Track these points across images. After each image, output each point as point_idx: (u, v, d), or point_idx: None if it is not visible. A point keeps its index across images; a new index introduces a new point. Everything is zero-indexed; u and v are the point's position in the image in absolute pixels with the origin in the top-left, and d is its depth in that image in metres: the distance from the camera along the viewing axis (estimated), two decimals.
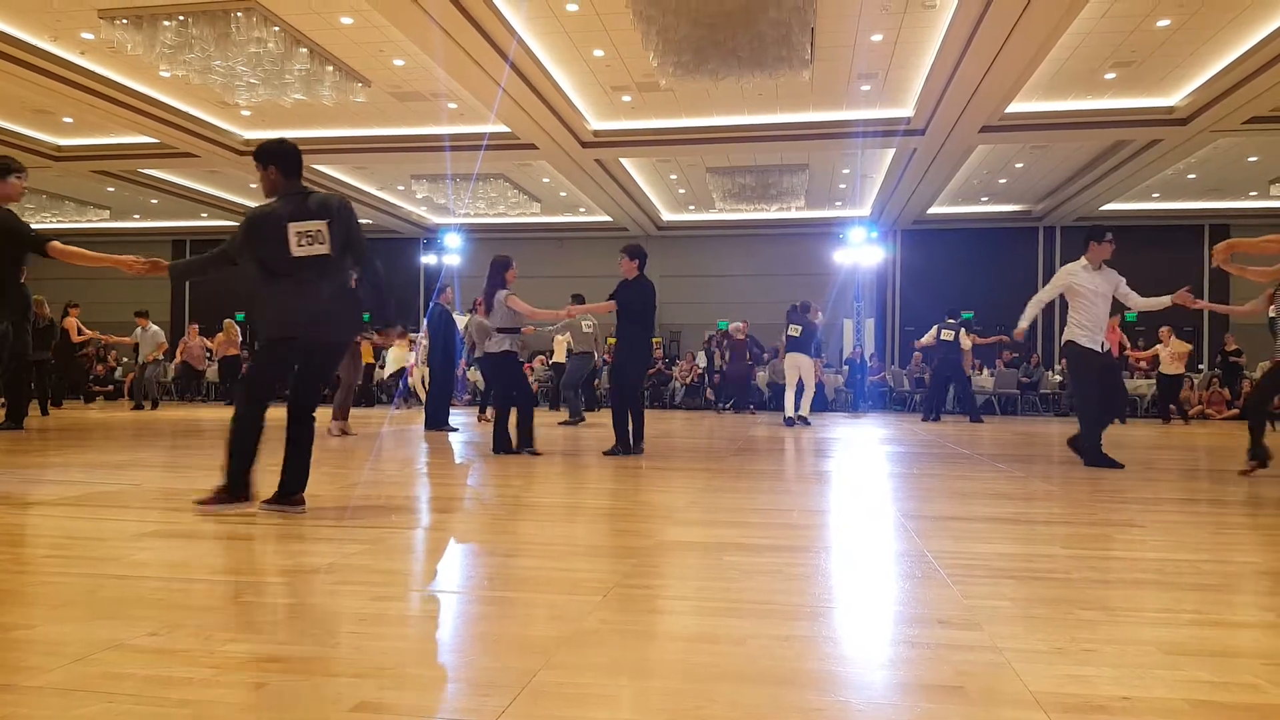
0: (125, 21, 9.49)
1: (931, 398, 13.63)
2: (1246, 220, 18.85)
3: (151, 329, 14.13)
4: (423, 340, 11.35)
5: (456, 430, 9.55)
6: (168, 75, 11.25)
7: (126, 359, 18.87)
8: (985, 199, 18.55)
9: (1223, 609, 2.44)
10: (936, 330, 13.36)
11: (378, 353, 15.08)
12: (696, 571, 2.87)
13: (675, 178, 17.01)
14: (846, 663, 1.95)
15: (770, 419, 13.24)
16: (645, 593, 2.56)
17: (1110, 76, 11.38)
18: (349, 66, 11.12)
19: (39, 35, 10.52)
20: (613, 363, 7.11)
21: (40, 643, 2.01)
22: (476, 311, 10.70)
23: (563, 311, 7.31)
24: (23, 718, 1.58)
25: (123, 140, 14.55)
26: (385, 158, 15.03)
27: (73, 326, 12.90)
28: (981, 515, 4.06)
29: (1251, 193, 17.49)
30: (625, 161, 15.49)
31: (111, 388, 18.41)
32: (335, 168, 16.42)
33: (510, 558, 3.07)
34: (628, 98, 12.40)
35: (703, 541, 3.37)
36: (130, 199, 18.88)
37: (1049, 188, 17.46)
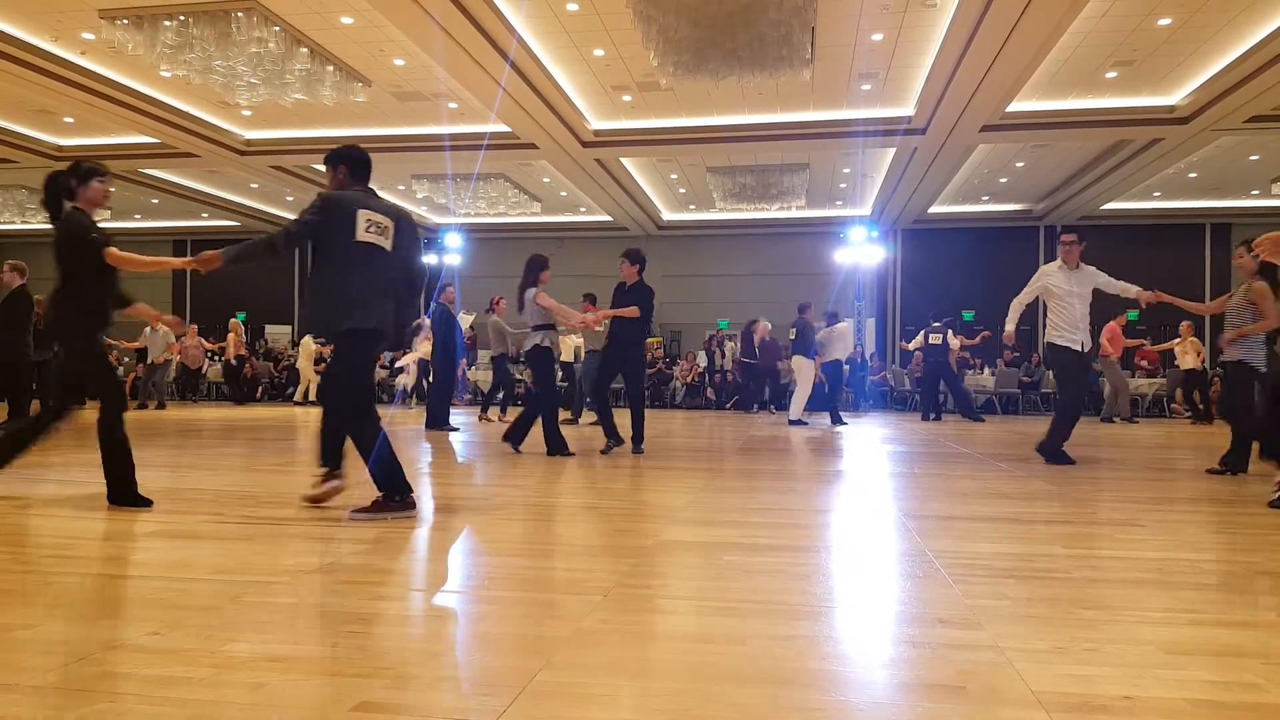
0: (126, 21, 9.49)
1: (927, 398, 13.72)
2: (1247, 219, 18.83)
3: (161, 330, 14.31)
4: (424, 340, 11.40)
5: (457, 430, 9.55)
6: (168, 75, 11.25)
7: (128, 359, 18.87)
8: (986, 198, 18.54)
9: (1224, 608, 2.44)
10: (924, 335, 13.40)
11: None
12: (697, 571, 2.87)
13: (676, 177, 17.00)
14: (847, 662, 1.94)
15: (779, 418, 13.25)
16: (646, 593, 2.56)
17: (1111, 75, 11.37)
18: (349, 66, 11.12)
19: (40, 35, 10.52)
20: (609, 362, 7.19)
21: (41, 642, 2.01)
22: (495, 311, 10.79)
23: (590, 318, 7.26)
24: (24, 717, 1.58)
25: (123, 140, 14.54)
26: (386, 157, 15.01)
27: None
28: (983, 515, 4.06)
29: (1253, 191, 17.48)
30: (626, 161, 15.48)
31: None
32: None
33: (511, 558, 3.07)
34: (628, 97, 12.39)
35: (703, 541, 3.37)
36: (131, 199, 18.87)
37: (1050, 187, 17.44)
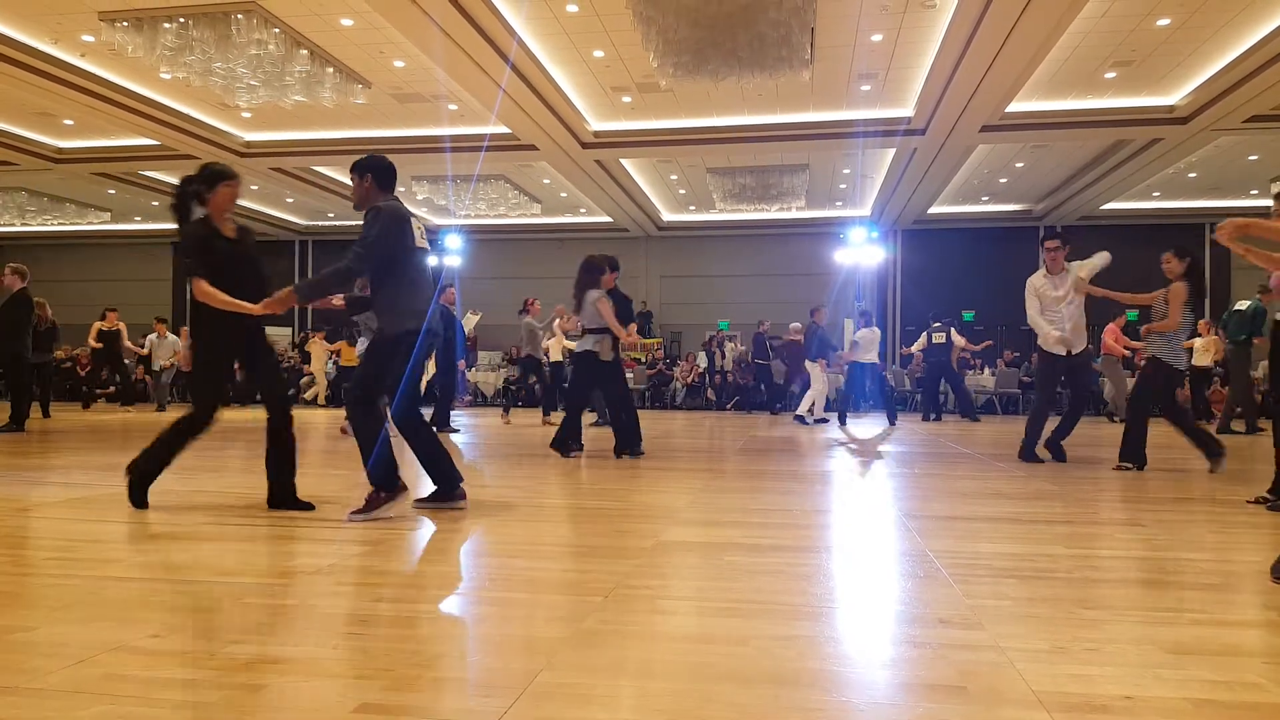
0: (126, 24, 9.50)
1: (927, 398, 13.71)
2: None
3: (170, 337, 14.53)
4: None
5: (458, 431, 9.56)
6: (168, 77, 11.26)
7: (128, 362, 18.85)
8: (986, 198, 18.54)
9: (1225, 608, 2.44)
10: (926, 335, 13.37)
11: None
12: (698, 572, 2.87)
13: (675, 178, 17.01)
14: (848, 662, 1.94)
15: (787, 419, 13.25)
16: (646, 593, 2.56)
17: (1110, 76, 11.37)
18: (349, 68, 11.12)
19: (40, 38, 10.53)
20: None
21: (42, 645, 2.01)
22: (529, 312, 10.90)
23: (633, 339, 7.31)
24: None
25: (123, 142, 14.56)
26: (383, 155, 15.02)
27: (121, 327, 13.67)
28: (983, 515, 4.06)
29: (1252, 191, 17.47)
30: (625, 162, 15.49)
31: (114, 389, 18.39)
32: (336, 169, 16.42)
33: (511, 558, 3.07)
34: (628, 98, 12.40)
35: (704, 542, 3.37)
36: (131, 201, 18.88)
37: (1049, 187, 17.45)
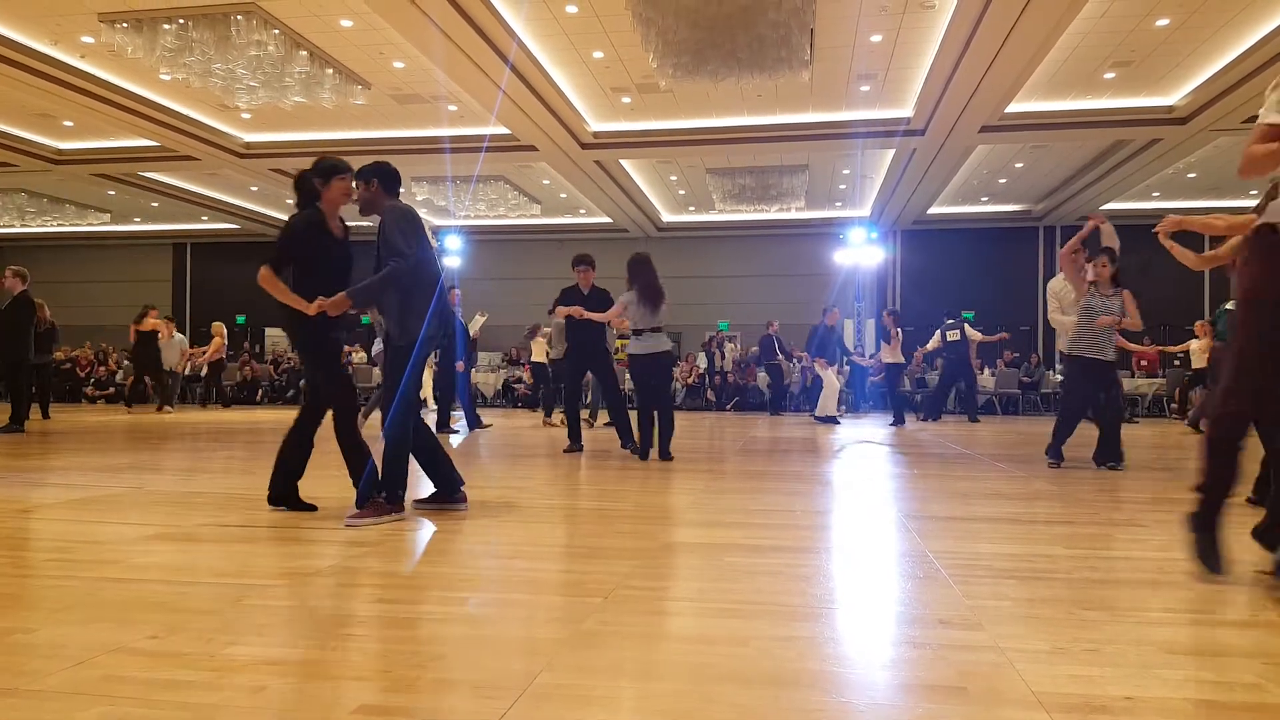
0: (125, 25, 9.50)
1: (937, 398, 13.55)
2: None
3: (177, 337, 14.54)
4: None
5: (457, 433, 9.56)
6: (168, 78, 11.26)
7: (128, 363, 18.86)
8: (985, 199, 18.54)
9: (1225, 609, 2.44)
10: (940, 334, 13.26)
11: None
12: (698, 572, 2.87)
13: (675, 179, 17.01)
14: (848, 663, 1.94)
15: (797, 420, 13.24)
16: (647, 594, 2.56)
17: (1110, 76, 11.37)
18: (349, 69, 11.12)
19: (40, 39, 10.53)
20: (578, 368, 7.50)
21: (41, 646, 2.01)
22: (558, 313, 10.90)
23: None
24: None
25: (123, 144, 14.56)
26: (385, 159, 15.02)
27: (161, 329, 13.71)
28: (983, 515, 4.06)
29: (1252, 191, 17.46)
30: (625, 163, 15.49)
31: (112, 390, 18.41)
32: None
33: (511, 559, 3.06)
34: (627, 99, 12.40)
35: (704, 542, 3.36)
36: (131, 202, 18.88)
37: (1049, 187, 17.45)
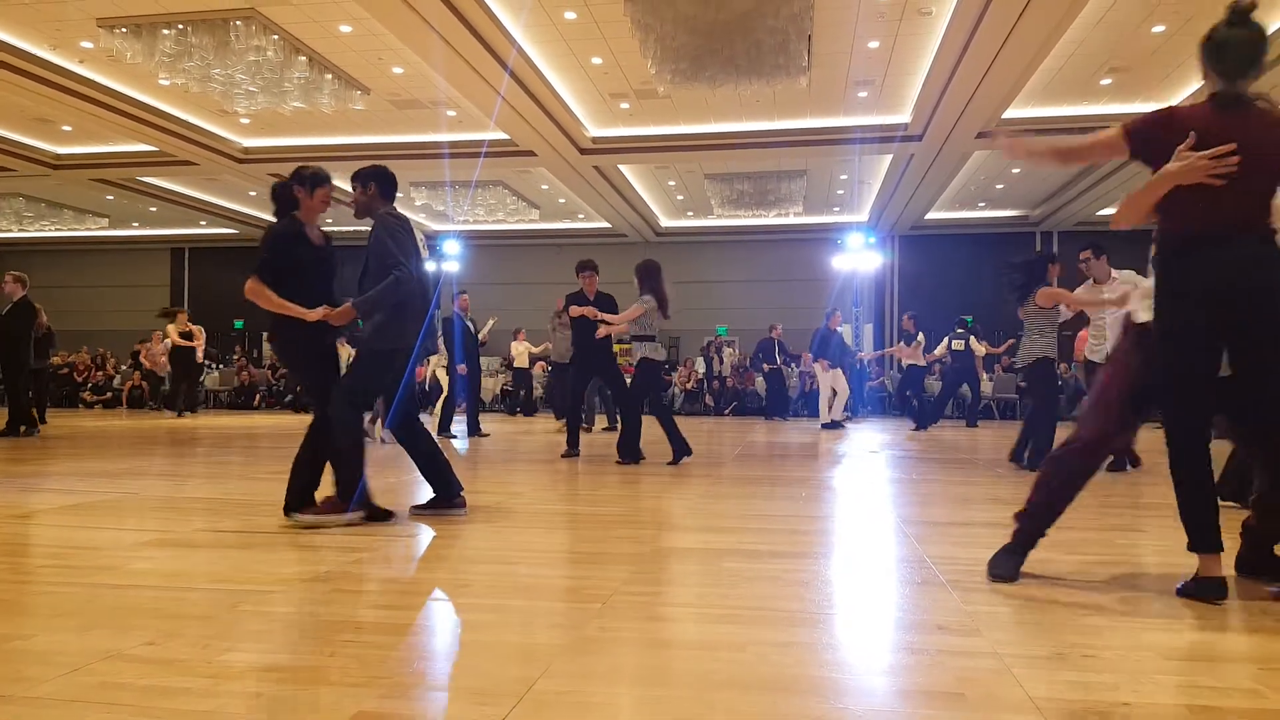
0: (124, 30, 9.51)
1: (936, 406, 13.42)
2: None
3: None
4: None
5: (456, 437, 9.57)
6: (167, 83, 11.26)
7: (125, 367, 18.84)
8: (982, 204, 18.58)
9: (1222, 614, 2.43)
10: (948, 341, 13.16)
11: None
12: (696, 578, 2.87)
13: (673, 184, 17.02)
14: (847, 669, 1.94)
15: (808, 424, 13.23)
16: (645, 600, 2.55)
17: (1106, 82, 11.40)
18: (348, 74, 11.14)
19: (38, 44, 10.53)
20: (585, 372, 7.47)
21: (37, 653, 2.00)
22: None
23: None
24: None
25: (122, 148, 14.56)
26: (384, 164, 15.02)
27: (196, 333, 13.73)
28: (981, 520, 4.05)
29: None
30: (624, 168, 15.50)
31: (109, 395, 18.39)
32: (334, 175, 16.38)
33: (509, 565, 3.06)
34: (626, 105, 12.42)
35: (702, 548, 3.36)
36: (129, 207, 18.87)
37: (1046, 193, 17.49)
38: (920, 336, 12.79)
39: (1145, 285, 6.29)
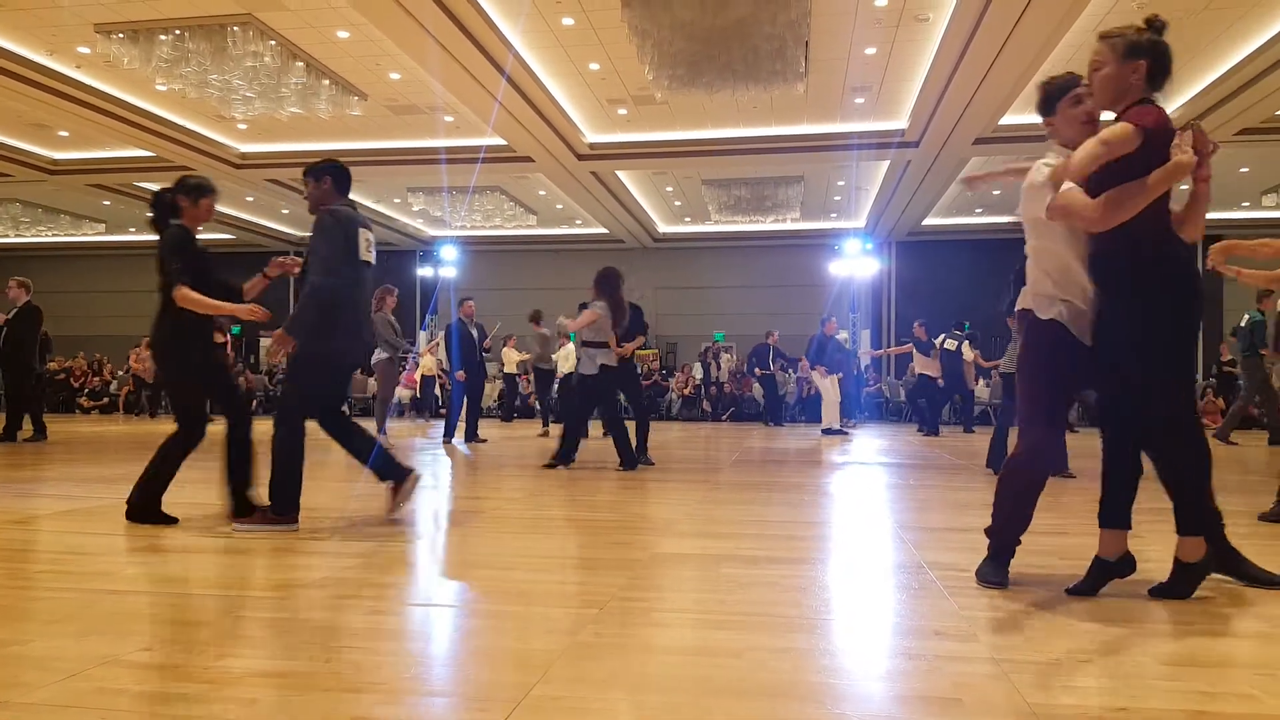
0: (121, 35, 9.51)
1: (935, 412, 13.28)
2: (1238, 230, 18.91)
3: None
4: (440, 353, 12.05)
5: (485, 441, 9.63)
6: (164, 89, 11.26)
7: (122, 372, 18.80)
8: (980, 210, 18.62)
9: (1219, 620, 2.44)
10: (942, 338, 13.07)
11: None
12: (693, 584, 2.87)
13: (671, 190, 17.05)
14: (844, 675, 1.94)
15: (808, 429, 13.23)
16: (642, 605, 2.55)
17: None
18: (345, 80, 11.15)
19: (36, 49, 10.53)
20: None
21: (33, 658, 2.00)
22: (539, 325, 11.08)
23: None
24: None
25: (119, 154, 14.54)
26: (381, 170, 15.04)
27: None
28: (978, 526, 4.03)
29: (1243, 203, 17.60)
30: (621, 174, 15.53)
31: (106, 401, 18.35)
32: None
33: (506, 571, 3.06)
34: (623, 110, 12.44)
35: (700, 554, 3.36)
36: (126, 212, 18.84)
37: None
38: (949, 343, 12.73)
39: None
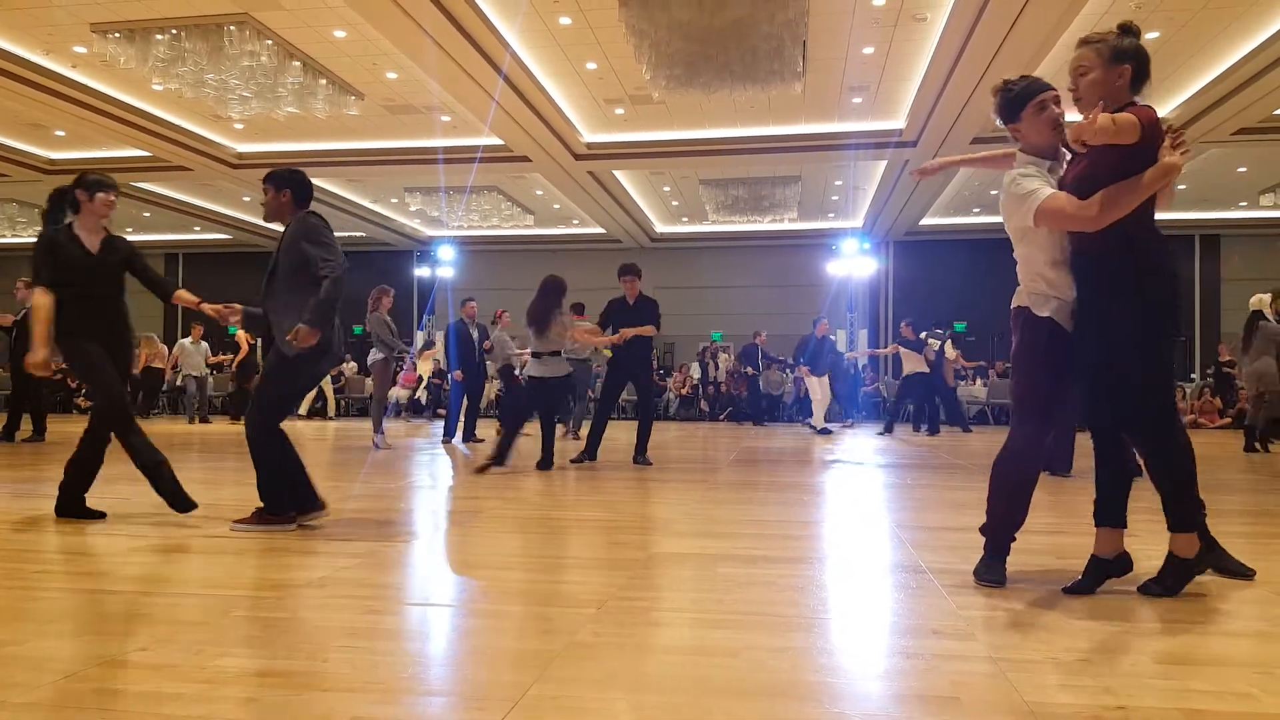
0: (118, 35, 9.49)
1: (932, 409, 13.30)
2: (1236, 230, 19.00)
3: (203, 345, 14.40)
4: (438, 355, 12.09)
5: (482, 441, 9.64)
6: (160, 89, 11.25)
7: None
8: (977, 210, 18.64)
9: (1217, 618, 2.44)
10: (925, 335, 13.14)
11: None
12: (691, 583, 2.87)
13: (668, 189, 17.05)
14: (842, 674, 1.94)
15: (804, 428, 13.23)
16: (640, 605, 2.55)
17: None
18: (342, 80, 11.14)
19: (32, 49, 10.51)
20: (620, 377, 7.50)
21: (31, 658, 1.99)
22: (500, 324, 11.06)
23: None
24: None
25: (115, 154, 14.51)
26: (379, 170, 15.03)
27: (244, 340, 13.65)
28: (975, 525, 4.05)
29: (1241, 203, 17.62)
30: (618, 174, 15.53)
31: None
32: (328, 181, 16.41)
33: (504, 570, 3.06)
34: (620, 110, 12.44)
35: (698, 553, 3.36)
36: (122, 212, 18.79)
37: None
38: (931, 342, 12.74)
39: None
